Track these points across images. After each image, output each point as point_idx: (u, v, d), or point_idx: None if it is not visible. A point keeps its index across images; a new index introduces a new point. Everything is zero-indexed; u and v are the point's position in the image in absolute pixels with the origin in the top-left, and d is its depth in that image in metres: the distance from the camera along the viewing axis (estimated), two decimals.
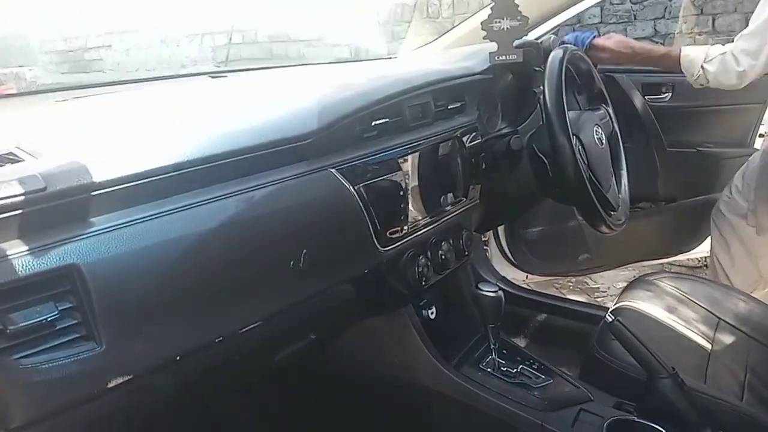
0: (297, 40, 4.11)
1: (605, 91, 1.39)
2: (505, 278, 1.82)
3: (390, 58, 1.84)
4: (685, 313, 1.30)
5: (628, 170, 1.37)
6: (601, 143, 1.23)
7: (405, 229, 1.00)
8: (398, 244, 0.98)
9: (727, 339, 1.23)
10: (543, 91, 1.11)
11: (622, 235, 1.23)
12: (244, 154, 0.76)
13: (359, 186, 0.89)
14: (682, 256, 2.20)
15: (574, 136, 1.12)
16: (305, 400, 1.36)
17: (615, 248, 1.95)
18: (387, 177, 0.95)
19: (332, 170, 0.87)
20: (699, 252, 2.15)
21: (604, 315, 1.15)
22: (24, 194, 0.56)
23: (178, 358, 0.67)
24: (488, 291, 1.13)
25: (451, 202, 1.12)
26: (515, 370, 1.17)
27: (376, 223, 0.92)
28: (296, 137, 0.83)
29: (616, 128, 1.38)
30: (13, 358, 0.55)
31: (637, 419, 1.02)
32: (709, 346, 1.22)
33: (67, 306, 0.58)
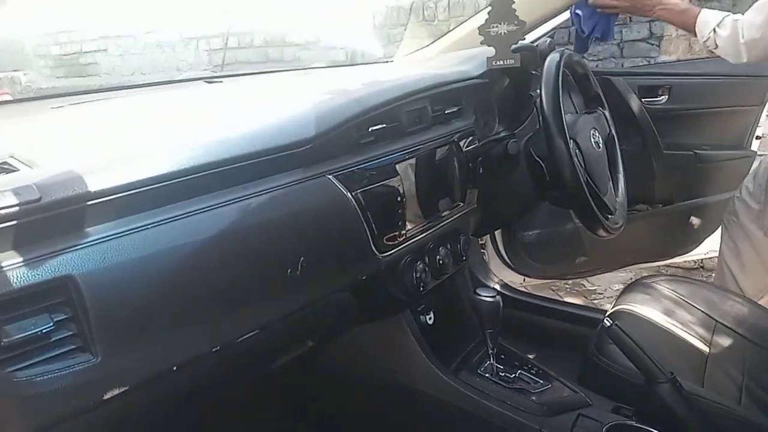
0: (292, 43, 4.11)
1: (602, 94, 1.39)
2: (503, 282, 1.82)
3: (386, 62, 1.84)
4: (683, 316, 1.30)
5: (624, 173, 1.38)
6: (598, 146, 1.23)
7: (403, 235, 0.99)
8: (396, 249, 0.98)
9: (725, 342, 1.23)
10: (540, 95, 1.11)
11: (619, 238, 1.23)
12: (240, 161, 0.76)
13: (357, 192, 0.89)
14: (679, 259, 2.20)
15: (571, 140, 1.12)
16: (303, 406, 1.36)
17: (612, 251, 1.95)
18: (384, 183, 0.95)
19: (329, 177, 0.86)
20: (695, 254, 2.15)
21: (602, 318, 1.15)
22: (19, 205, 0.56)
23: (175, 369, 0.66)
24: (486, 296, 1.13)
25: (448, 206, 1.12)
26: (513, 376, 1.17)
27: (374, 229, 0.92)
28: (293, 144, 0.83)
29: (612, 131, 1.38)
30: (7, 371, 0.54)
31: (636, 424, 1.02)
32: (706, 349, 1.22)
33: (63, 317, 0.58)
